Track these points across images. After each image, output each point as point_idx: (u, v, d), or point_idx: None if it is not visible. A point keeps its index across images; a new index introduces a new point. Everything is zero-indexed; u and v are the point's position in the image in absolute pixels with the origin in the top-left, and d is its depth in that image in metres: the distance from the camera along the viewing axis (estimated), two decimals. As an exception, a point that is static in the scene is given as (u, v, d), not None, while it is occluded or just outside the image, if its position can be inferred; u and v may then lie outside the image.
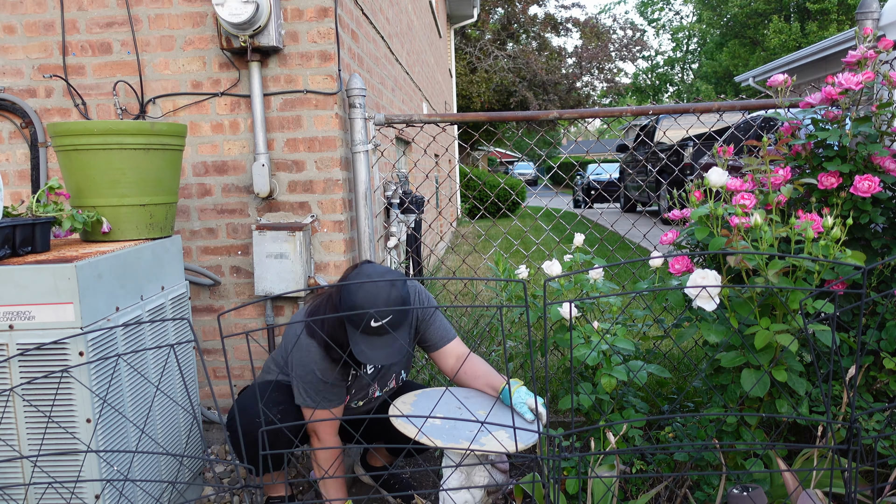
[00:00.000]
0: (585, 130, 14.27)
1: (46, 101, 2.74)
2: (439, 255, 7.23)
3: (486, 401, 1.96)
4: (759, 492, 1.30)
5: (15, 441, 1.66)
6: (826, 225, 1.59)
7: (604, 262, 2.29)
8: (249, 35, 2.48)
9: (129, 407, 1.84)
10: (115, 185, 2.02)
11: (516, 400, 1.86)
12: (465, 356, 2.02)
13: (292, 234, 2.61)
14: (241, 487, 1.11)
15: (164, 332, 2.05)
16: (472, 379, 2.02)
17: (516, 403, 1.86)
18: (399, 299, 1.76)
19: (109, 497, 1.70)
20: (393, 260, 3.41)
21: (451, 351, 2.05)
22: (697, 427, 1.96)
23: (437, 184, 7.99)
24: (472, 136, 14.77)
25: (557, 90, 18.63)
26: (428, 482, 2.47)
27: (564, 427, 2.55)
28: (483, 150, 20.39)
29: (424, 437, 1.71)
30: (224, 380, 2.86)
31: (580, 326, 2.11)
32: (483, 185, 12.82)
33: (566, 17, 20.33)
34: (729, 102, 2.59)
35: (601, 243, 5.89)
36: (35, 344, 1.61)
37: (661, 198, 9.55)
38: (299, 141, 2.69)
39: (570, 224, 3.94)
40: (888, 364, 1.77)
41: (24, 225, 1.77)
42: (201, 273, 2.73)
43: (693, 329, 1.77)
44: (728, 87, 27.44)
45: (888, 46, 1.87)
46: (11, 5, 2.68)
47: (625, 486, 2.03)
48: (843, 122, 1.88)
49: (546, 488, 1.67)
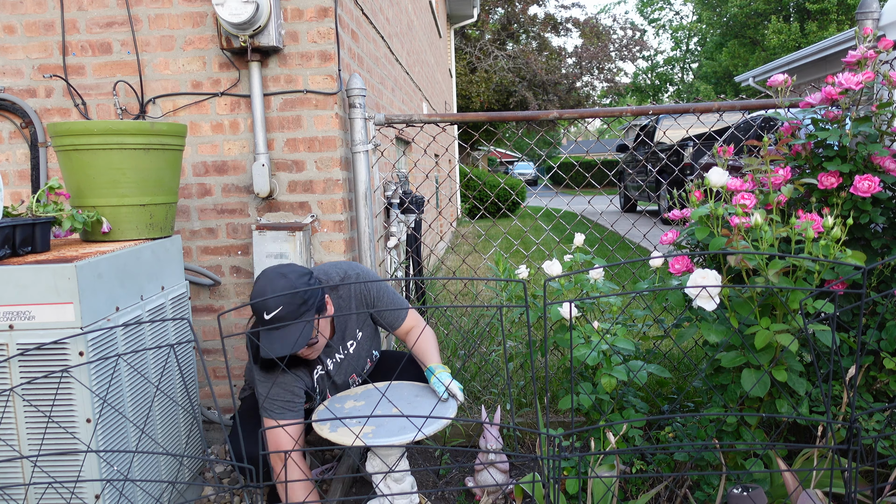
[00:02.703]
0: (585, 130, 14.28)
1: (46, 101, 2.74)
2: (439, 255, 7.23)
3: (418, 394, 2.06)
4: (759, 492, 1.30)
5: (15, 441, 1.66)
6: (826, 225, 1.59)
7: (604, 262, 2.29)
8: (249, 35, 2.48)
9: (129, 407, 1.84)
10: (115, 185, 2.02)
11: (434, 381, 1.98)
12: (411, 332, 2.16)
13: (292, 234, 2.61)
14: (242, 487, 1.11)
15: (164, 332, 2.05)
16: (418, 355, 2.14)
17: (434, 383, 1.98)
18: (287, 289, 1.77)
19: (109, 497, 1.70)
20: (393, 260, 3.41)
21: (402, 331, 2.18)
22: (697, 427, 1.96)
23: (437, 184, 7.99)
24: (472, 136, 14.77)
25: (557, 90, 18.63)
26: (428, 482, 2.47)
27: (564, 427, 2.55)
28: (483, 150, 20.39)
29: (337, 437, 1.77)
30: (224, 380, 2.86)
31: (580, 326, 2.11)
32: (483, 185, 12.81)
33: (566, 17, 20.33)
34: (729, 102, 2.59)
35: (601, 243, 5.89)
36: (35, 344, 1.61)
37: (661, 198, 9.55)
38: (299, 141, 2.69)
39: (570, 224, 3.93)
40: (888, 364, 1.77)
41: (24, 225, 1.77)
42: (201, 273, 2.73)
43: (693, 329, 1.77)
44: (728, 87, 27.44)
45: (888, 46, 1.87)
46: (11, 5, 2.67)
47: (625, 486, 2.03)
48: (843, 122, 1.88)
49: (546, 488, 1.67)
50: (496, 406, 2.55)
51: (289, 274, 1.82)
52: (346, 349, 2.12)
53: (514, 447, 2.55)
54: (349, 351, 2.12)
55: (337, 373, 2.11)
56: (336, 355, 2.10)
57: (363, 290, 2.09)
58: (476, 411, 2.74)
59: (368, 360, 2.20)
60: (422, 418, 1.72)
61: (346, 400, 2.03)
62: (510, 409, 2.53)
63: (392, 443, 1.72)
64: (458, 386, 1.97)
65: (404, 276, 3.61)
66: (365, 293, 2.09)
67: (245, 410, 2.15)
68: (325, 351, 2.07)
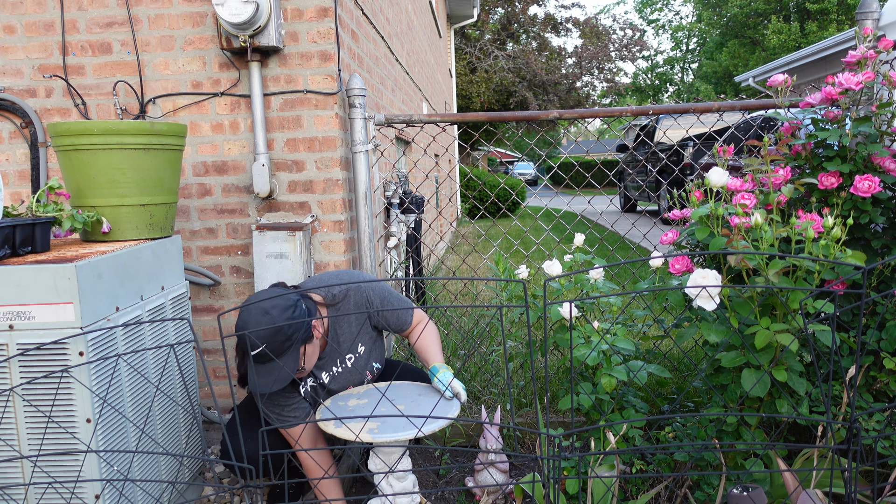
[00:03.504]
0: (585, 130, 14.28)
1: (46, 101, 2.74)
2: (439, 255, 7.23)
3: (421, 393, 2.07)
4: (759, 492, 1.30)
5: (15, 441, 1.66)
6: (826, 225, 1.59)
7: (604, 262, 2.29)
8: (249, 35, 2.48)
9: (129, 407, 1.84)
10: (115, 184, 2.02)
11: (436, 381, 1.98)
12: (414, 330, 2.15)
13: (292, 234, 2.61)
14: (242, 487, 1.11)
15: (164, 332, 2.05)
16: (421, 355, 2.13)
17: (436, 383, 1.98)
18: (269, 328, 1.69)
19: (109, 497, 1.70)
20: (393, 260, 3.41)
21: (409, 333, 2.16)
22: (697, 427, 1.96)
23: (437, 184, 7.99)
24: (472, 136, 14.77)
25: (557, 90, 18.63)
26: (428, 482, 2.47)
27: (564, 427, 2.55)
28: (483, 150, 20.39)
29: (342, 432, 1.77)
30: (224, 380, 2.86)
31: (580, 326, 2.11)
32: (483, 185, 12.82)
33: (566, 17, 20.34)
34: (729, 102, 2.59)
35: (601, 243, 5.89)
36: (35, 344, 1.61)
37: (661, 198, 9.55)
38: (299, 141, 2.69)
39: (570, 224, 3.94)
40: (888, 364, 1.77)
41: (24, 225, 1.77)
42: (201, 273, 2.73)
43: (693, 329, 1.77)
44: (728, 87, 27.44)
45: (888, 46, 1.87)
46: (11, 5, 2.68)
47: (625, 486, 2.03)
48: (843, 122, 1.88)
49: (546, 488, 1.67)
50: (496, 406, 2.55)
51: (271, 311, 1.76)
52: (343, 363, 2.09)
53: (514, 447, 2.55)
54: (347, 365, 2.09)
55: (332, 384, 2.09)
56: (333, 368, 2.07)
57: (364, 302, 2.04)
58: (476, 411, 2.74)
59: (368, 373, 2.15)
60: (423, 418, 1.72)
61: (348, 398, 2.02)
62: (510, 409, 2.53)
63: (398, 438, 1.73)
64: (460, 385, 1.97)
65: (404, 276, 3.61)
66: (367, 304, 2.04)
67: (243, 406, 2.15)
68: (319, 364, 2.04)
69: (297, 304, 1.82)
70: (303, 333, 1.82)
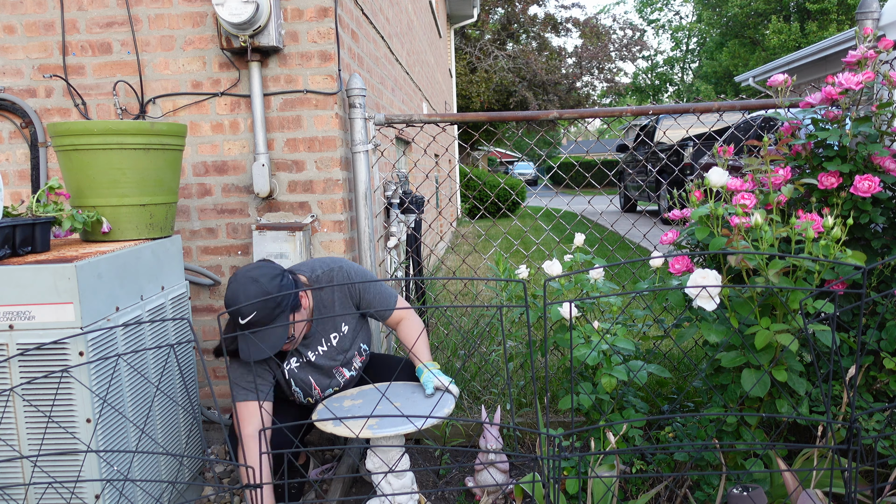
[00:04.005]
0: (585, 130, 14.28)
1: (46, 101, 2.74)
2: (439, 255, 7.23)
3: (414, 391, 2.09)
4: (759, 492, 1.30)
5: (15, 441, 1.66)
6: (826, 225, 1.59)
7: (604, 262, 2.29)
8: (249, 35, 2.48)
9: (129, 407, 1.84)
10: (115, 185, 2.02)
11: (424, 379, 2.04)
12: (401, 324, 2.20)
13: (292, 234, 2.61)
14: (242, 487, 1.12)
15: (164, 332, 2.05)
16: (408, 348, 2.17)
17: (424, 381, 2.03)
18: (259, 294, 1.82)
19: (109, 497, 1.70)
20: (393, 260, 3.41)
21: (392, 322, 2.22)
22: (697, 427, 1.96)
23: (437, 184, 7.99)
24: (472, 136, 14.76)
25: (557, 90, 18.63)
26: (428, 482, 2.47)
27: (564, 427, 2.55)
28: (483, 150, 20.39)
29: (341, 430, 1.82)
30: (224, 380, 2.86)
31: (580, 326, 2.11)
32: (483, 185, 12.81)
33: (566, 17, 20.32)
34: (729, 102, 2.59)
35: (601, 243, 5.89)
36: (35, 344, 1.61)
37: (661, 198, 9.55)
38: (299, 141, 2.69)
39: (570, 224, 3.94)
40: (888, 364, 1.77)
41: (24, 225, 1.77)
42: (201, 273, 2.73)
43: (693, 329, 1.77)
44: (728, 87, 27.43)
45: (888, 46, 1.87)
46: (11, 5, 2.67)
47: (625, 486, 2.03)
48: (843, 122, 1.88)
49: (546, 488, 1.67)
50: (496, 406, 2.55)
51: (260, 278, 1.85)
52: (329, 341, 2.14)
53: (514, 447, 2.55)
54: (332, 343, 2.14)
55: (320, 361, 2.13)
56: (319, 348, 2.12)
57: (347, 281, 2.11)
58: (476, 411, 2.75)
59: (357, 354, 2.20)
60: (423, 418, 1.73)
61: (343, 399, 2.05)
62: (510, 409, 2.53)
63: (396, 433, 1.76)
64: (448, 379, 2.02)
65: (404, 276, 3.61)
66: (349, 287, 2.12)
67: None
68: (304, 343, 2.10)
69: (283, 274, 1.92)
70: (292, 301, 1.90)
